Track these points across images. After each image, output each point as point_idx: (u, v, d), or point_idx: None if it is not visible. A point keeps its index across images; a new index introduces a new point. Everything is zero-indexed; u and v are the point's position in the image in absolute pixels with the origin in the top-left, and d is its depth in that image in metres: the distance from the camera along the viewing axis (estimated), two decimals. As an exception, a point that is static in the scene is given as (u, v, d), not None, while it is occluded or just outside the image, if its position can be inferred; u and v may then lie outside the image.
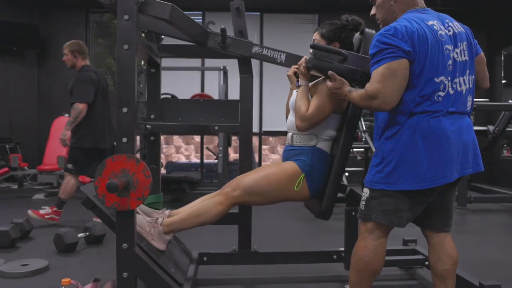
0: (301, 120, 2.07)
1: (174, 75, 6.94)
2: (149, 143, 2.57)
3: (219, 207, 2.08)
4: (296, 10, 7.81)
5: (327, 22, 2.26)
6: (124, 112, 1.80)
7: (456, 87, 1.73)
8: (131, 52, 1.80)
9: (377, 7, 1.90)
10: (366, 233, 1.82)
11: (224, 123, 2.57)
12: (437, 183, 1.69)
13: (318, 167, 2.13)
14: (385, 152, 1.75)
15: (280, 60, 2.44)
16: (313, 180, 2.12)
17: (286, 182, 2.10)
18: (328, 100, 2.05)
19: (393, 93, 1.65)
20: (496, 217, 4.70)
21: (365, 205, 1.82)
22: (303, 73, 2.12)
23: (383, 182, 1.74)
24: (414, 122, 1.69)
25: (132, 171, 1.76)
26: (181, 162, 8.21)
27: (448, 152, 1.68)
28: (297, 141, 2.18)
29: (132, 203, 1.78)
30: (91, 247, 3.21)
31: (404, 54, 1.63)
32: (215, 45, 2.36)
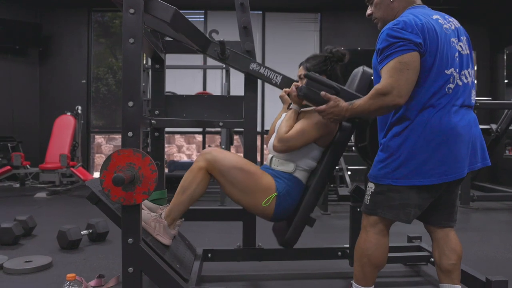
0: (279, 140, 2.03)
1: (176, 74, 6.93)
2: (153, 139, 2.56)
3: (199, 173, 2.02)
4: (298, 9, 7.80)
5: (310, 56, 2.23)
6: (130, 106, 1.79)
7: (463, 79, 1.73)
8: (137, 46, 1.79)
9: (374, 6, 1.89)
10: (369, 227, 1.81)
11: (228, 119, 2.56)
12: (448, 179, 1.68)
13: (291, 194, 2.07)
14: (393, 147, 1.73)
15: (276, 82, 2.43)
16: (282, 204, 2.05)
17: (258, 190, 2.03)
18: (312, 128, 2.01)
19: (407, 86, 1.63)
20: (499, 215, 4.69)
21: (370, 200, 1.80)
22: (294, 100, 2.10)
23: (390, 177, 1.72)
24: (424, 118, 1.67)
25: (138, 165, 1.75)
26: (183, 161, 8.20)
27: (459, 148, 1.67)
28: (276, 164, 2.12)
29: (138, 198, 1.77)
30: (95, 245, 3.20)
31: (415, 46, 1.62)
32: (214, 55, 2.36)
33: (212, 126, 2.47)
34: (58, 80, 7.55)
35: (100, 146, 10.41)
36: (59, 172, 5.84)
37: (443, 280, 1.85)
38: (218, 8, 7.58)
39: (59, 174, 5.88)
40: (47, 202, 5.20)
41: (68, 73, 7.59)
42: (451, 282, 1.83)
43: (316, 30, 7.87)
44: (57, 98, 7.46)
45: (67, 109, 6.57)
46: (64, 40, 7.60)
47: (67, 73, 7.59)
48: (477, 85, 7.79)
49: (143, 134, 5.50)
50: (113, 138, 10.34)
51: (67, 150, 5.99)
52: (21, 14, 7.30)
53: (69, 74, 7.59)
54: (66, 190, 6.03)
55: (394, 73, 1.62)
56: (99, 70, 8.05)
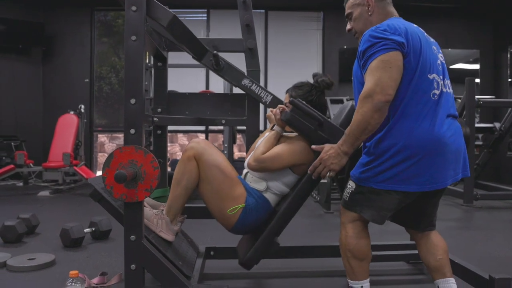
0: (254, 159, 1.99)
1: (179, 72, 6.93)
2: (155, 137, 2.56)
3: (189, 162, 2.01)
4: (300, 7, 7.79)
5: (297, 84, 2.18)
6: (132, 103, 1.80)
7: (447, 87, 1.75)
8: (139, 43, 1.80)
9: (354, 20, 1.91)
10: (347, 222, 1.82)
11: (231, 117, 2.56)
12: (429, 188, 1.68)
13: (257, 212, 2.04)
14: (377, 152, 1.71)
15: (265, 101, 2.43)
16: (245, 218, 2.03)
17: (229, 197, 2.01)
18: (288, 154, 1.98)
19: (391, 83, 1.60)
20: (503, 214, 4.68)
21: (349, 198, 1.81)
22: (277, 123, 2.08)
23: (373, 181, 1.72)
24: (411, 125, 1.66)
25: (140, 162, 1.76)
26: (185, 160, 8.23)
27: (444, 159, 1.67)
28: (249, 180, 2.10)
29: (140, 195, 1.77)
30: (98, 243, 3.21)
31: (398, 46, 1.62)
32: (209, 64, 2.37)
33: (215, 124, 2.48)
34: (61, 79, 7.57)
35: (103, 145, 10.42)
36: (62, 170, 5.85)
37: (436, 277, 1.86)
38: (221, 7, 7.58)
39: (62, 173, 5.90)
40: (50, 200, 5.22)
41: (71, 72, 7.61)
42: (443, 277, 1.84)
43: (319, 29, 7.86)
44: (60, 97, 7.48)
45: (70, 108, 6.59)
46: (67, 40, 7.62)
47: (70, 72, 7.61)
48: (481, 84, 7.77)
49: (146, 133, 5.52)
50: (116, 137, 10.35)
51: (70, 148, 6.01)
52: (24, 14, 7.32)
53: (72, 73, 7.61)
54: (69, 188, 6.04)
55: (376, 72, 1.61)
56: (102, 69, 8.07)
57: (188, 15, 7.92)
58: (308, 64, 7.80)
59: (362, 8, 1.86)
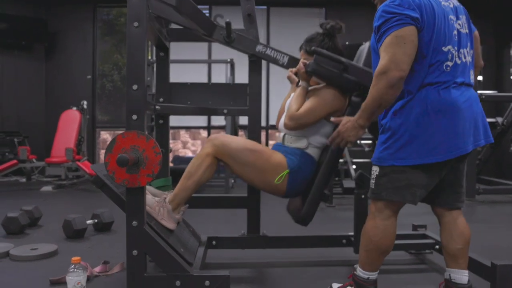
0: (290, 118, 2.04)
1: (181, 68, 6.93)
2: (158, 126, 2.57)
3: (206, 159, 2.05)
4: (302, 3, 7.79)
5: (308, 38, 2.24)
6: (134, 89, 1.80)
7: (462, 57, 1.73)
8: (141, 30, 1.80)
9: None
10: (376, 212, 1.80)
11: (233, 107, 2.56)
12: (451, 155, 1.66)
13: (303, 170, 2.09)
14: (394, 127, 1.72)
15: (283, 62, 2.44)
16: (294, 180, 2.08)
17: (270, 169, 2.06)
18: (321, 105, 2.03)
19: (406, 59, 1.61)
20: (505, 208, 4.67)
21: (375, 183, 1.79)
22: (303, 77, 2.11)
23: (393, 158, 1.71)
24: (423, 95, 1.67)
25: (142, 147, 1.76)
26: (188, 156, 8.23)
27: (461, 123, 1.66)
28: (289, 141, 2.15)
29: (142, 180, 1.77)
30: (100, 234, 3.22)
31: (412, 21, 1.62)
32: (220, 39, 2.36)
33: (217, 114, 2.48)
34: (64, 75, 7.59)
35: (105, 142, 10.44)
36: (65, 166, 5.86)
37: (450, 264, 1.84)
38: (223, 2, 7.58)
39: (65, 168, 5.91)
40: (53, 195, 5.23)
41: (73, 69, 7.62)
42: (458, 267, 1.82)
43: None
44: (62, 94, 7.49)
45: (73, 104, 6.60)
46: (69, 36, 7.63)
47: (72, 68, 7.62)
48: (483, 81, 7.74)
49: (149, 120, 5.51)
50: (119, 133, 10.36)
51: (73, 144, 6.02)
52: (27, 10, 7.34)
53: (75, 69, 7.62)
54: (72, 184, 6.06)
55: (390, 48, 1.62)
56: (104, 66, 8.07)
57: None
58: (310, 60, 7.77)
59: None
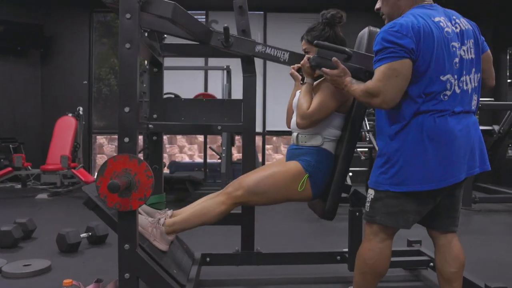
0: (302, 117, 2.04)
1: (177, 75, 6.92)
2: (151, 143, 2.55)
3: (221, 206, 2.06)
4: (299, 9, 7.76)
5: (309, 28, 2.24)
6: (126, 111, 1.79)
7: (463, 85, 1.71)
8: (133, 51, 1.79)
9: (382, 1, 1.87)
10: (371, 235, 1.80)
11: (227, 123, 2.55)
12: (444, 184, 1.66)
13: (322, 167, 2.10)
14: (390, 152, 1.72)
15: (284, 59, 2.43)
16: (316, 181, 2.09)
17: (289, 182, 2.07)
18: (330, 98, 2.03)
19: (394, 94, 1.64)
20: (502, 218, 4.66)
21: (370, 207, 1.80)
22: (307, 72, 2.10)
23: (389, 183, 1.72)
24: (419, 121, 1.67)
25: (134, 171, 1.75)
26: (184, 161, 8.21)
27: (456, 152, 1.66)
28: (303, 140, 2.15)
29: (134, 204, 1.76)
30: (94, 247, 3.20)
31: (407, 53, 1.61)
32: (218, 44, 2.35)
33: (211, 131, 2.46)
34: (60, 81, 7.55)
35: (102, 146, 10.42)
36: (60, 173, 5.84)
37: (443, 286, 1.83)
38: (220, 8, 7.56)
39: (60, 175, 5.88)
40: (48, 203, 5.21)
41: (69, 74, 7.59)
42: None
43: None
44: (58, 99, 7.45)
45: (69, 110, 6.56)
46: (65, 41, 7.60)
47: (68, 74, 7.59)
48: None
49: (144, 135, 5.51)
50: (115, 138, 10.34)
51: (68, 151, 5.99)
52: (22, 15, 7.30)
53: (71, 75, 7.59)
54: (67, 191, 6.02)
55: (383, 78, 1.64)
56: (101, 70, 8.05)
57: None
58: (307, 65, 7.77)
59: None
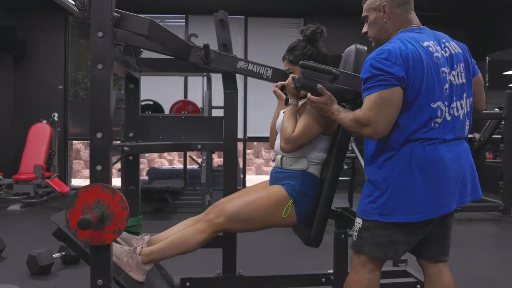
0: (286, 141, 1.95)
1: (156, 81, 6.77)
2: (127, 163, 2.42)
3: (201, 235, 1.94)
4: (281, 14, 7.71)
5: (290, 47, 2.14)
6: (99, 137, 1.66)
7: (453, 112, 1.65)
8: (106, 72, 1.67)
9: (369, 25, 1.80)
10: (359, 266, 1.72)
11: (207, 141, 2.44)
12: (434, 215, 1.60)
13: (307, 192, 2.01)
14: (378, 180, 1.65)
15: (267, 76, 2.34)
16: (301, 206, 2.00)
17: (273, 208, 1.97)
18: (316, 121, 1.93)
19: (385, 124, 1.56)
20: (483, 228, 4.67)
21: (357, 236, 1.72)
22: (292, 93, 2.01)
23: (377, 213, 1.64)
24: (409, 150, 1.59)
25: (107, 202, 1.62)
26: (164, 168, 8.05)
27: (446, 181, 1.60)
28: (288, 164, 2.05)
29: (108, 237, 1.64)
30: (68, 268, 3.05)
31: (397, 81, 1.54)
32: (197, 60, 2.24)
33: (190, 149, 2.35)
34: (34, 85, 7.29)
35: (78, 152, 10.17)
36: (34, 183, 5.62)
37: None
38: (200, 12, 7.43)
39: (34, 185, 5.66)
40: (21, 215, 5.01)
41: (44, 79, 7.34)
42: None
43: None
44: (32, 105, 7.19)
45: (43, 116, 6.34)
46: (40, 45, 7.35)
47: (43, 78, 7.34)
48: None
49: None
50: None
51: (43, 160, 5.78)
52: (-5, 18, 7.04)
53: (46, 79, 7.34)
54: (42, 201, 5.81)
55: (373, 107, 1.55)
56: (78, 74, 7.83)
57: (165, 20, 7.76)
58: (288, 71, 7.73)
59: (378, 14, 1.74)
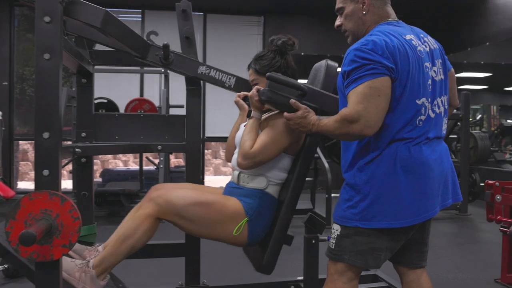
0: (244, 157, 1.76)
1: (111, 78, 6.44)
2: (80, 166, 2.19)
3: (145, 222, 1.72)
4: (241, 11, 7.56)
5: (258, 56, 1.97)
6: (45, 137, 1.45)
7: (436, 109, 1.57)
8: (54, 63, 1.45)
9: (345, 17, 1.67)
10: (336, 275, 1.60)
11: (168, 142, 2.26)
12: (419, 219, 1.50)
13: (264, 213, 1.83)
14: (359, 184, 1.53)
15: (229, 85, 2.18)
16: (255, 227, 1.82)
17: (225, 220, 1.78)
18: (278, 137, 1.77)
19: (377, 116, 1.42)
20: (443, 227, 4.73)
21: (335, 244, 1.59)
22: (255, 105, 1.83)
23: (358, 219, 1.52)
24: (393, 151, 1.49)
25: (55, 212, 1.41)
26: (118, 169, 7.69)
27: (431, 184, 1.51)
28: (245, 181, 1.87)
29: (56, 252, 1.42)
30: (11, 283, 2.76)
31: (387, 71, 1.42)
32: (155, 60, 2.05)
33: (149, 151, 2.17)
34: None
35: (26, 152, 9.59)
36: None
37: None
38: (157, 7, 7.17)
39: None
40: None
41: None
42: None
43: (260, 34, 7.67)
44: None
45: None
46: (-19, 38, 6.83)
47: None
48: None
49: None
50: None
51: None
52: None
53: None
54: (-17, 207, 5.38)
55: (363, 100, 1.41)
56: (25, 69, 7.35)
57: (120, 15, 7.43)
58: (248, 70, 7.61)
59: (356, 6, 1.62)
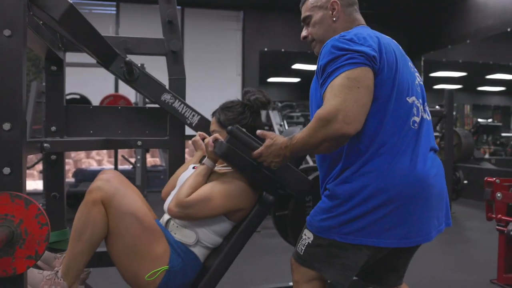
0: (176, 204, 1.51)
1: (84, 72, 6.14)
2: (49, 164, 1.95)
3: (95, 208, 1.48)
4: (220, 6, 7.39)
5: (226, 105, 1.72)
6: (6, 129, 1.22)
7: (427, 113, 1.43)
8: (16, 41, 1.22)
9: (312, 25, 1.50)
10: (301, 281, 1.43)
11: (149, 137, 2.05)
12: (410, 243, 1.33)
13: (187, 273, 1.58)
14: (343, 196, 1.33)
15: (191, 122, 1.97)
16: (170, 283, 1.54)
17: (147, 256, 1.51)
18: (222, 198, 1.53)
19: (357, 110, 1.21)
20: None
21: (305, 251, 1.42)
22: (209, 154, 1.61)
23: (336, 232, 1.33)
24: (387, 162, 1.30)
25: (18, 217, 1.19)
26: (92, 169, 7.36)
27: (427, 204, 1.34)
28: (173, 230, 1.60)
29: (19, 265, 1.20)
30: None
31: (368, 60, 1.25)
32: (119, 73, 1.85)
33: (128, 146, 1.96)
34: None
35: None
36: None
37: None
38: (133, 0, 6.91)
39: None
40: None
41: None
42: None
43: (239, 29, 7.50)
44: None
45: None
46: None
47: None
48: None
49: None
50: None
51: None
52: None
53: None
54: None
55: (340, 92, 1.21)
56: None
57: (94, 7, 7.13)
58: (227, 65, 7.43)
59: (325, 12, 1.47)
